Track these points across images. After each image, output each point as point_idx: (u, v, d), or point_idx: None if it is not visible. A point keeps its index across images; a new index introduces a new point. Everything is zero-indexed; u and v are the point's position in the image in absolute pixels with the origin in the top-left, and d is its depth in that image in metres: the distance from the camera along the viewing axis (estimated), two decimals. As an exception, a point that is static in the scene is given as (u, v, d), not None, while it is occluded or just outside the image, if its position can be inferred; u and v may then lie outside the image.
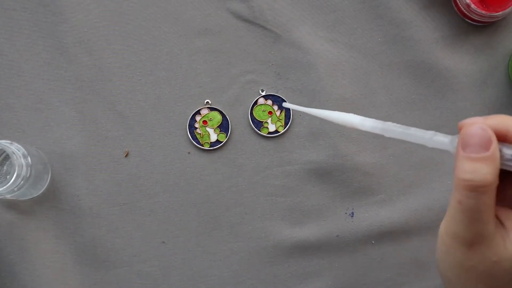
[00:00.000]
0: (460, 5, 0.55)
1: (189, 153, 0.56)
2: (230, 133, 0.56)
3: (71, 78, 0.55)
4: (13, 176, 0.49)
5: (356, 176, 0.56)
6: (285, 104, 0.52)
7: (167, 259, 0.56)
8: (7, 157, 0.53)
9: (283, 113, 0.56)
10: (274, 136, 0.56)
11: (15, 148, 0.49)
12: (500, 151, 0.29)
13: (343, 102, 0.56)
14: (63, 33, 0.55)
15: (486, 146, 0.29)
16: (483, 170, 0.28)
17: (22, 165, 0.49)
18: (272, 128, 0.56)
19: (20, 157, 0.49)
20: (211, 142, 0.56)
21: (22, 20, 0.55)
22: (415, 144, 0.55)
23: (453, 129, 0.57)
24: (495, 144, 0.29)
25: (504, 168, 0.30)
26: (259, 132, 0.56)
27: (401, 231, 0.56)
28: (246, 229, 0.56)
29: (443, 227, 0.31)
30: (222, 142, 0.56)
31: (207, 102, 0.56)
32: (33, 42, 0.55)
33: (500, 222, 0.30)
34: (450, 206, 0.30)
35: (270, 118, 0.56)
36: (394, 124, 0.35)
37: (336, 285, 0.56)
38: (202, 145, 0.56)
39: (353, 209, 0.56)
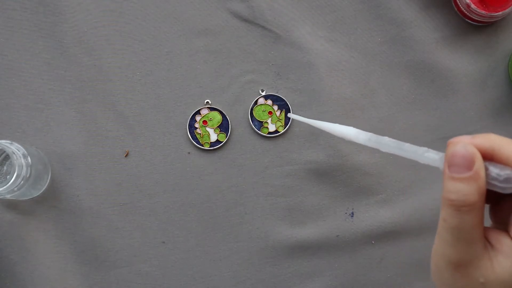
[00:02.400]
0: (460, 5, 0.55)
1: (189, 153, 0.56)
2: (230, 133, 0.56)
3: (71, 78, 0.55)
4: (13, 176, 0.49)
5: (356, 176, 0.56)
6: (289, 115, 0.55)
7: (167, 259, 0.56)
8: (7, 157, 0.53)
9: (283, 113, 0.56)
10: (274, 136, 0.56)
11: (15, 148, 0.49)
12: (487, 169, 0.29)
13: (343, 102, 0.56)
14: (63, 33, 0.55)
15: (468, 166, 0.29)
16: (465, 190, 0.28)
17: (22, 165, 0.49)
18: (272, 128, 0.56)
19: (20, 157, 0.49)
20: (211, 142, 0.56)
21: (22, 20, 0.55)
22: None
23: (453, 129, 0.57)
24: (478, 163, 0.29)
25: (490, 187, 0.29)
26: (259, 132, 0.56)
27: (401, 231, 0.56)
28: (246, 229, 0.56)
29: (434, 246, 0.31)
30: (222, 142, 0.56)
31: (207, 102, 0.56)
32: (33, 42, 0.55)
33: (489, 243, 0.30)
34: (438, 224, 0.31)
35: (270, 118, 0.56)
36: (389, 138, 0.36)
37: (336, 285, 0.56)
38: (202, 145, 0.56)
39: (353, 209, 0.56)
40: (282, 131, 0.56)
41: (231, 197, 0.56)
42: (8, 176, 0.50)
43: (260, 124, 0.56)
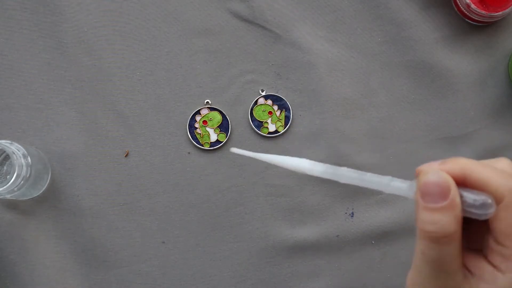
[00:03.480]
0: (460, 5, 0.55)
1: (189, 153, 0.56)
2: (230, 133, 0.56)
3: (71, 78, 0.55)
4: (13, 176, 0.49)
5: (356, 176, 0.56)
6: (233, 150, 0.46)
7: (167, 259, 0.56)
8: (7, 157, 0.53)
9: (283, 113, 0.56)
10: (274, 136, 0.56)
11: (15, 148, 0.49)
12: (461, 196, 0.27)
13: (343, 102, 0.56)
14: (63, 33, 0.55)
15: (444, 194, 0.27)
16: (443, 221, 0.27)
17: (22, 165, 0.49)
18: (272, 128, 0.56)
19: (20, 157, 0.49)
20: (211, 142, 0.56)
21: (22, 20, 0.55)
22: (415, 144, 0.54)
23: (453, 129, 0.57)
24: (453, 191, 0.27)
25: (467, 215, 0.28)
26: (259, 132, 0.56)
27: (401, 231, 0.56)
28: (246, 229, 0.56)
29: (409, 277, 0.30)
30: (222, 142, 0.56)
31: (207, 102, 0.56)
32: (33, 42, 0.55)
33: (468, 270, 0.29)
34: (415, 256, 0.29)
35: (270, 118, 0.56)
36: (348, 169, 0.33)
37: (336, 285, 0.56)
38: (202, 145, 0.56)
39: (353, 209, 0.56)
40: (282, 131, 0.56)
41: (231, 197, 0.56)
42: (8, 176, 0.50)
43: (260, 124, 0.56)
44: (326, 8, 0.57)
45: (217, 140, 0.56)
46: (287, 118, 0.56)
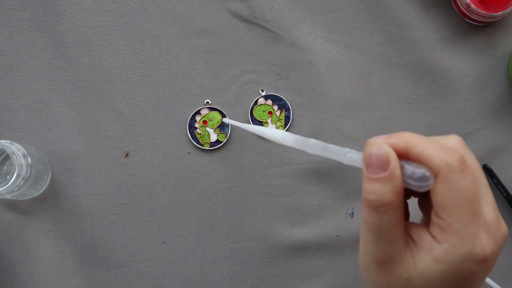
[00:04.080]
0: (460, 5, 0.55)
1: (189, 153, 0.56)
2: (230, 133, 0.56)
3: (71, 78, 0.55)
4: (13, 176, 0.49)
5: (356, 176, 0.56)
6: (225, 120, 0.55)
7: (167, 259, 0.56)
8: (7, 157, 0.53)
9: (283, 113, 0.56)
10: (274, 136, 0.56)
11: (15, 148, 0.49)
12: (402, 168, 0.29)
13: (343, 102, 0.56)
14: (63, 33, 0.55)
15: (384, 166, 0.29)
16: (381, 190, 0.29)
17: (22, 165, 0.49)
18: (272, 128, 0.56)
19: (20, 157, 0.49)
20: (211, 142, 0.56)
21: (22, 20, 0.55)
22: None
23: (453, 129, 0.57)
24: (393, 163, 0.29)
25: (408, 186, 0.29)
26: (259, 132, 0.56)
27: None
28: (246, 229, 0.56)
29: (359, 246, 0.32)
30: (222, 142, 0.56)
31: (207, 102, 0.56)
32: (33, 42, 0.55)
33: (412, 239, 0.30)
34: (361, 224, 0.31)
35: (270, 118, 0.56)
36: (315, 140, 0.36)
37: (336, 285, 0.56)
38: (202, 145, 0.56)
39: (353, 209, 0.56)
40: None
41: (231, 197, 0.56)
42: (8, 176, 0.50)
43: (260, 124, 0.56)
44: (326, 8, 0.57)
45: (217, 140, 0.56)
46: (287, 118, 0.56)
